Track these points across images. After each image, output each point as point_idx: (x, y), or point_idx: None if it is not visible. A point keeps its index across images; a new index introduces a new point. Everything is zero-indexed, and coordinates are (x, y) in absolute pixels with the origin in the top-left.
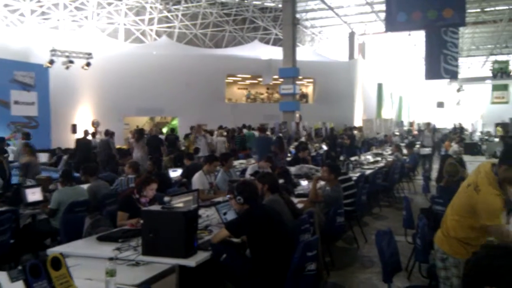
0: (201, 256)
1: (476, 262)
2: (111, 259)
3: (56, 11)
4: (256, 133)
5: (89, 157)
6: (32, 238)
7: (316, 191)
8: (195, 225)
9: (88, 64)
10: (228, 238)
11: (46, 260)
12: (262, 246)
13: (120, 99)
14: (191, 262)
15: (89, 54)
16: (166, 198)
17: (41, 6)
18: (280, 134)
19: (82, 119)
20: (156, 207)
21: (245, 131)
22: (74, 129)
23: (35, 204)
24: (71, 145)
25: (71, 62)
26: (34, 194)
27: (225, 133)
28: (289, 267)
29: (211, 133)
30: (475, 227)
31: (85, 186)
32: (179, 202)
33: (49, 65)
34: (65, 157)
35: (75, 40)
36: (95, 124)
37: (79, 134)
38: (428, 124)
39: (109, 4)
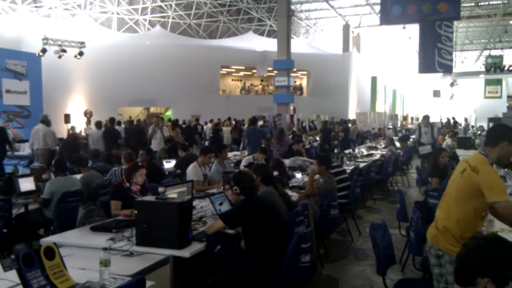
0: (196, 247)
1: (466, 255)
2: (105, 249)
3: None
4: None
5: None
6: (25, 228)
7: (313, 185)
8: (190, 216)
9: (80, 53)
10: (223, 229)
11: (39, 250)
12: (257, 237)
13: (113, 89)
14: (185, 253)
15: (82, 43)
16: (161, 189)
17: None
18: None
19: (75, 109)
20: (150, 198)
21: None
22: (67, 119)
23: (27, 193)
24: (64, 135)
25: (64, 51)
26: (26, 184)
27: (233, 123)
28: (284, 258)
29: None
30: (476, 211)
31: (78, 176)
32: (173, 193)
33: (41, 54)
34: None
35: (68, 29)
36: (87, 114)
37: (73, 124)
38: (426, 117)
39: None
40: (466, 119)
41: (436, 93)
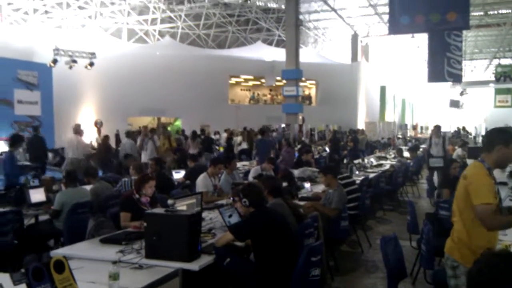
0: (205, 260)
1: (477, 272)
2: (114, 262)
3: (60, 10)
4: None
5: None
6: (35, 239)
7: (328, 209)
8: (199, 229)
9: (91, 64)
10: (232, 242)
11: (49, 263)
12: (266, 250)
13: (123, 99)
14: (194, 266)
15: (93, 53)
16: (170, 201)
17: (44, 5)
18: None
19: (85, 119)
20: (159, 210)
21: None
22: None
23: (38, 205)
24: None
25: (75, 61)
26: (37, 195)
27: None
28: (294, 272)
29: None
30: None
31: (88, 188)
32: (182, 205)
33: (52, 64)
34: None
35: (79, 40)
36: (98, 124)
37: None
38: (438, 127)
39: (112, 3)
40: (462, 129)
41: (454, 104)
